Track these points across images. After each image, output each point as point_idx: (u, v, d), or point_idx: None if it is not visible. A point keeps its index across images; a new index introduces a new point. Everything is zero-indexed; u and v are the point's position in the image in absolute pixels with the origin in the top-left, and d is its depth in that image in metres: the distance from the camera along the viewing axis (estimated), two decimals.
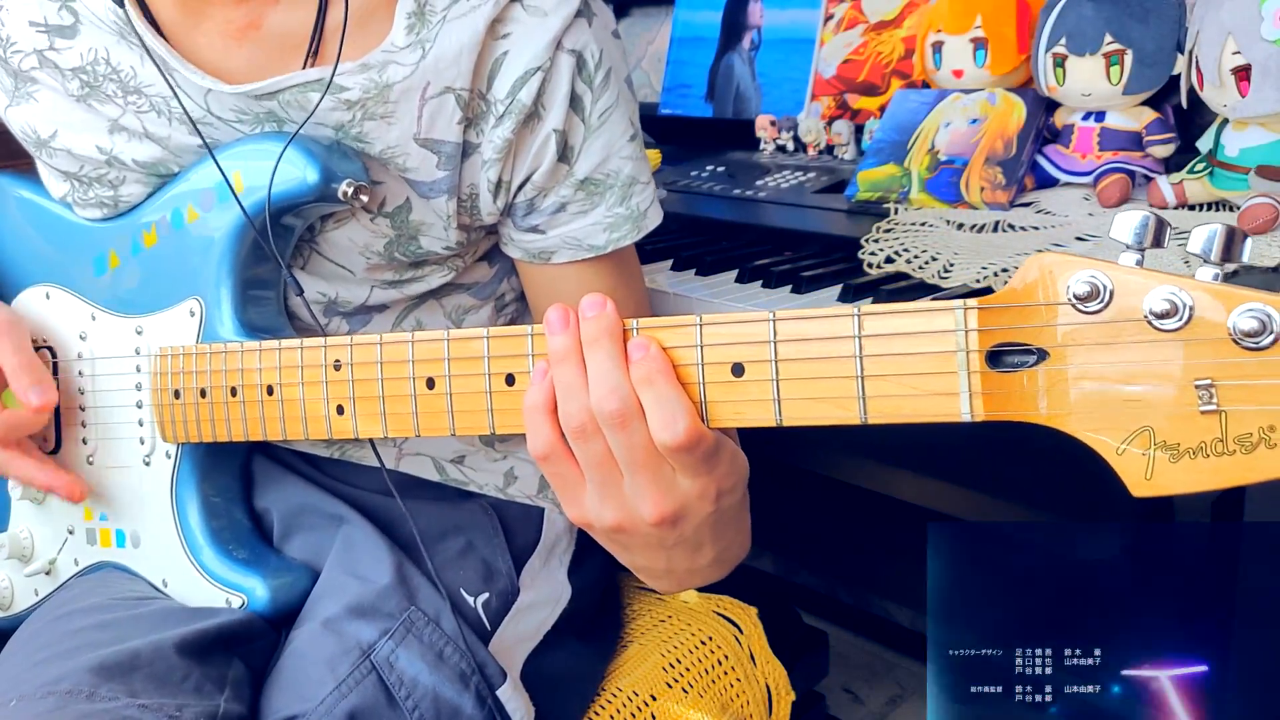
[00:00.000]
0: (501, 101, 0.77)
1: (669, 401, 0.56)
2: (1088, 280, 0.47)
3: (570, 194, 0.81)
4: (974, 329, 0.50)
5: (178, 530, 0.81)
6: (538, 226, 0.83)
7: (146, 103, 0.79)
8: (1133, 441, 0.47)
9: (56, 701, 0.66)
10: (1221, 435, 0.45)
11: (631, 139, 0.83)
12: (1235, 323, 0.44)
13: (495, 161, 0.79)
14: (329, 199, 0.75)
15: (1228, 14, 0.94)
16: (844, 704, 1.73)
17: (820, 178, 1.31)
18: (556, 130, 0.79)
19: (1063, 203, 1.10)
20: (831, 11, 1.43)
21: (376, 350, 0.67)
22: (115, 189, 0.83)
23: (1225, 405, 0.45)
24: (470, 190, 0.81)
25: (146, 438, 0.82)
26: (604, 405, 0.57)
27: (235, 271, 0.79)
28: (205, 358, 0.77)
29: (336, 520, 0.83)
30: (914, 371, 0.51)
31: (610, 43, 0.81)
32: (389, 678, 0.72)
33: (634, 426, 0.57)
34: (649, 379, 0.57)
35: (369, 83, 0.75)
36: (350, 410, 0.69)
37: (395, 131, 0.77)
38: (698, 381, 0.57)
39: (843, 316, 0.53)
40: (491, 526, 0.88)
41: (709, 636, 0.97)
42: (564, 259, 0.83)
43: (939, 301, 0.51)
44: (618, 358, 0.57)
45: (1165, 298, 0.46)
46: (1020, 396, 0.50)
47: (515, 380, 0.62)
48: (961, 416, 0.51)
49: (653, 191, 0.85)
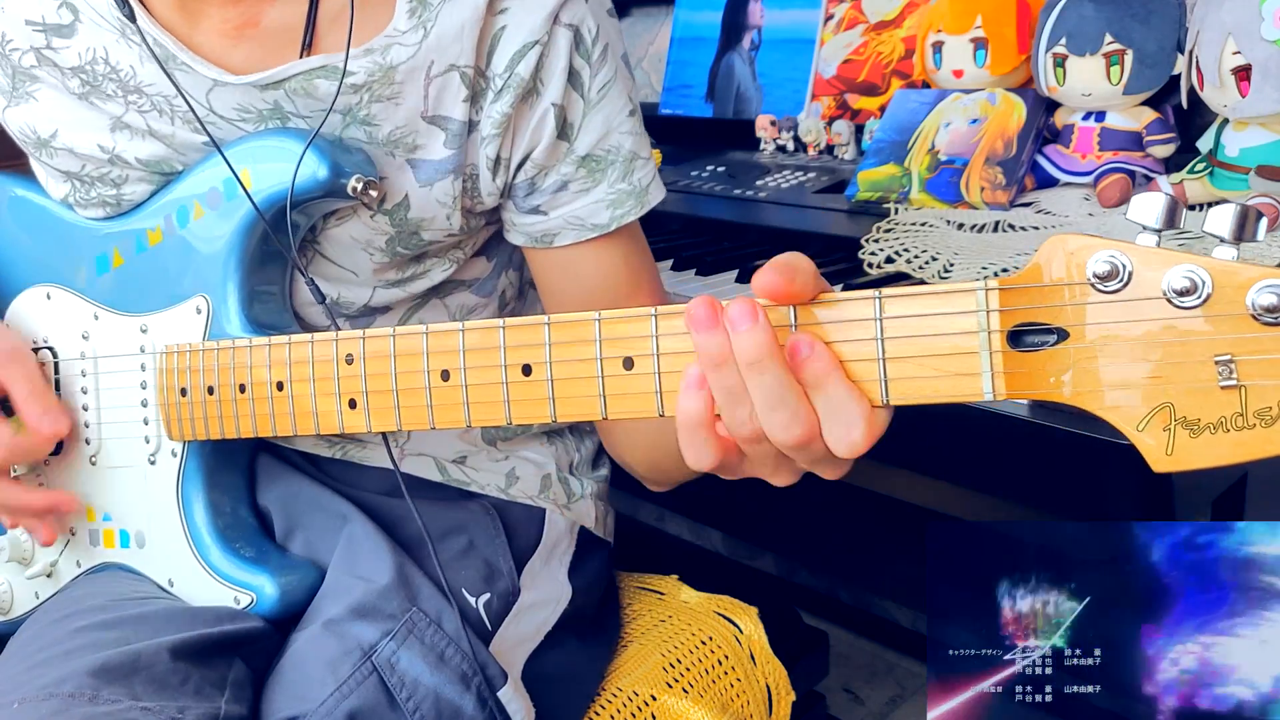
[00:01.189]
0: (500, 76, 0.78)
1: (843, 408, 0.53)
2: (1107, 260, 0.48)
3: (572, 171, 0.81)
4: (995, 309, 0.50)
5: (184, 529, 0.81)
6: (539, 207, 0.83)
7: (148, 102, 0.79)
8: (1153, 418, 0.48)
9: (59, 704, 0.66)
10: (1241, 410, 0.46)
11: (631, 114, 0.83)
12: (1254, 299, 0.45)
13: (494, 137, 0.79)
14: (338, 194, 0.76)
15: (1228, 14, 0.94)
16: (844, 704, 1.73)
17: (820, 178, 1.31)
18: (555, 104, 0.79)
19: (1063, 203, 1.10)
20: (831, 11, 1.43)
21: (390, 344, 0.67)
22: (118, 188, 0.83)
23: (1245, 380, 0.46)
24: (471, 170, 0.81)
25: (152, 436, 0.82)
26: (785, 436, 0.54)
27: (243, 269, 0.79)
28: (213, 355, 0.77)
29: (340, 519, 0.83)
30: (935, 352, 0.52)
31: (606, 19, 0.82)
32: (390, 679, 0.72)
33: (815, 444, 0.54)
34: (819, 381, 0.53)
35: (373, 65, 0.75)
36: (363, 404, 0.69)
37: (403, 111, 0.77)
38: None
39: (864, 300, 0.53)
40: (493, 527, 0.88)
41: (709, 636, 0.97)
42: (568, 240, 0.83)
43: (959, 283, 0.52)
44: (787, 380, 0.53)
45: (1184, 275, 0.46)
46: (1041, 375, 0.50)
47: (532, 370, 0.62)
48: (984, 396, 0.51)
49: (654, 167, 0.85)
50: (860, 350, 0.53)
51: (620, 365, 0.59)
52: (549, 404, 0.62)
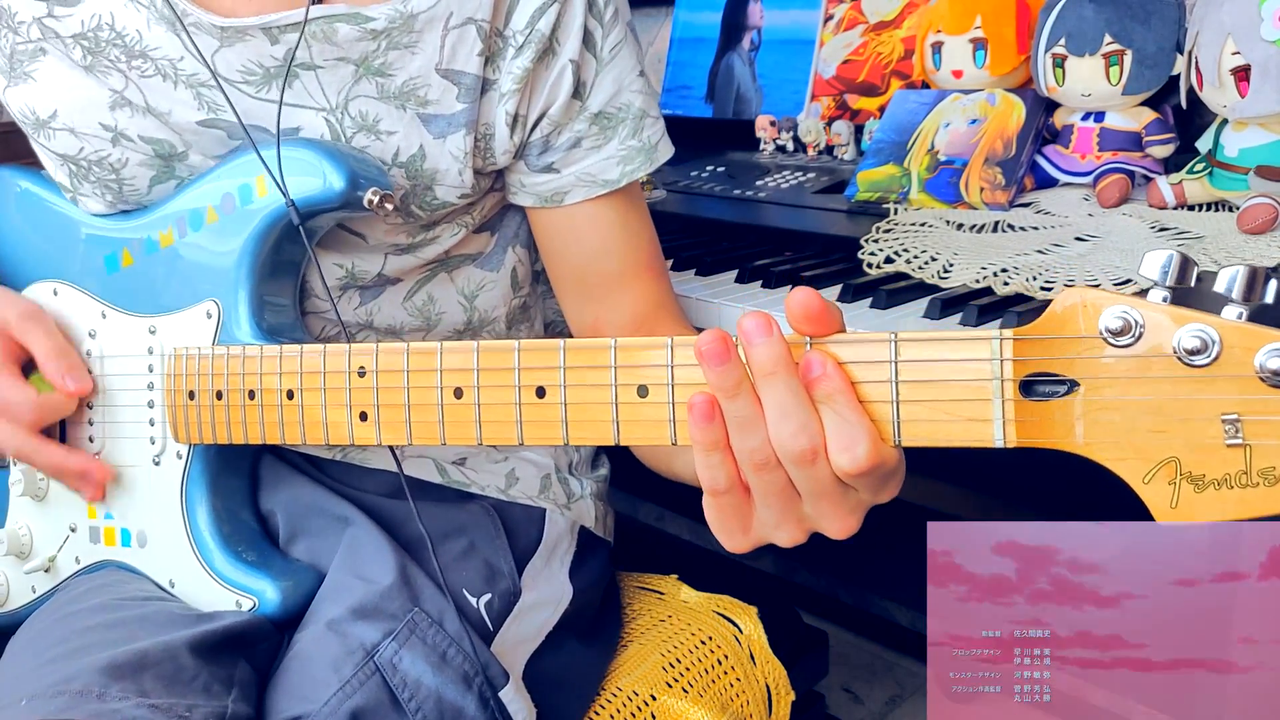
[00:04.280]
0: (521, 33, 0.80)
1: (850, 423, 0.54)
2: (1120, 315, 0.49)
3: (585, 128, 0.84)
4: (1009, 358, 0.51)
5: (187, 531, 0.81)
6: (553, 165, 0.85)
7: (152, 66, 0.78)
8: (1159, 471, 0.49)
9: (67, 701, 0.66)
10: (1246, 468, 0.47)
11: (640, 74, 0.86)
12: (1262, 361, 0.46)
13: (514, 94, 0.81)
14: (353, 206, 0.76)
15: (1227, 14, 0.95)
16: (844, 704, 1.73)
17: (820, 178, 1.31)
18: (572, 61, 0.82)
19: (1062, 203, 1.10)
20: (831, 12, 1.43)
21: (404, 359, 0.67)
22: (117, 172, 0.82)
23: (1250, 439, 0.46)
24: (485, 129, 0.83)
25: (157, 437, 0.82)
26: (791, 446, 0.54)
27: (255, 275, 0.79)
28: (223, 359, 0.76)
29: (342, 522, 0.83)
30: (948, 398, 0.53)
31: None
32: (392, 679, 0.72)
33: (822, 460, 0.54)
34: (829, 397, 0.54)
35: (394, 12, 0.77)
36: (374, 417, 0.69)
37: (418, 61, 0.78)
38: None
39: (880, 342, 0.54)
40: (493, 527, 0.88)
41: (709, 636, 0.97)
42: (578, 198, 0.85)
43: (975, 330, 0.53)
44: (799, 391, 0.54)
45: (1195, 334, 0.47)
46: (1051, 425, 0.51)
47: (546, 393, 0.62)
48: (994, 443, 0.52)
49: (662, 126, 0.88)
50: (874, 391, 0.54)
51: (635, 393, 0.59)
52: (562, 426, 0.62)
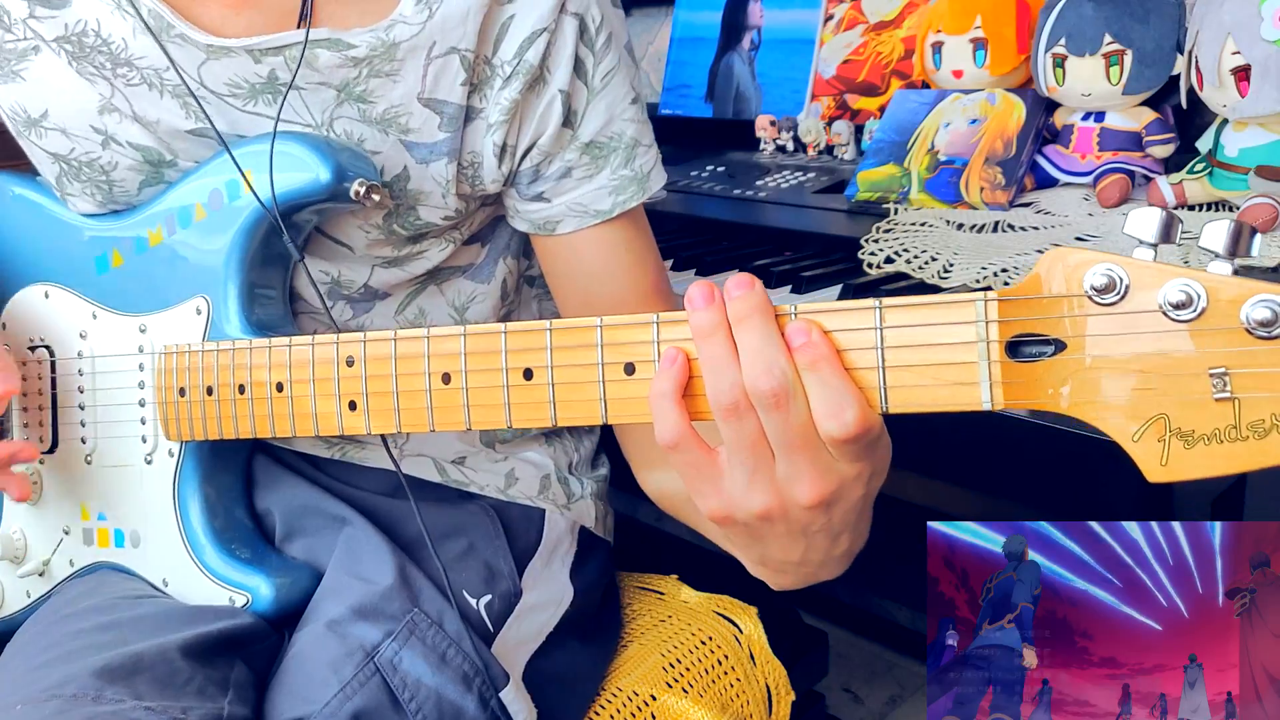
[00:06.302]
0: (508, 63, 0.78)
1: (836, 389, 0.53)
2: (1105, 273, 0.48)
3: (575, 158, 0.82)
4: (994, 320, 0.51)
5: (180, 529, 0.81)
6: (543, 194, 0.84)
7: (137, 75, 0.78)
8: (1148, 429, 0.48)
9: (62, 705, 0.66)
10: (1235, 422, 0.46)
11: (633, 102, 0.84)
12: (1249, 313, 0.46)
13: (501, 124, 0.80)
14: (340, 198, 0.76)
15: (1228, 14, 0.94)
16: (844, 704, 1.73)
17: (820, 178, 1.31)
18: (562, 91, 0.80)
19: (1062, 203, 1.10)
20: (831, 12, 1.43)
21: (391, 346, 0.67)
22: (107, 174, 0.82)
23: (1239, 393, 0.46)
24: (472, 157, 0.81)
25: (149, 436, 0.82)
26: (760, 383, 0.54)
27: (244, 270, 0.79)
28: (213, 355, 0.77)
29: (339, 522, 0.83)
30: (935, 362, 0.52)
31: (610, 10, 0.83)
32: (393, 680, 0.72)
33: (792, 406, 0.54)
34: (814, 365, 0.54)
35: (376, 40, 0.76)
36: (363, 406, 0.69)
37: (400, 90, 0.78)
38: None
39: (864, 309, 0.54)
40: (493, 528, 0.88)
41: (709, 636, 0.97)
42: (570, 227, 0.84)
43: (959, 294, 0.52)
44: (771, 334, 0.54)
45: (1180, 289, 0.47)
46: (1038, 385, 0.51)
47: (533, 374, 0.62)
48: (982, 405, 0.52)
49: (656, 154, 0.86)
50: (860, 359, 0.54)
51: (622, 370, 0.60)
52: (549, 407, 0.62)
